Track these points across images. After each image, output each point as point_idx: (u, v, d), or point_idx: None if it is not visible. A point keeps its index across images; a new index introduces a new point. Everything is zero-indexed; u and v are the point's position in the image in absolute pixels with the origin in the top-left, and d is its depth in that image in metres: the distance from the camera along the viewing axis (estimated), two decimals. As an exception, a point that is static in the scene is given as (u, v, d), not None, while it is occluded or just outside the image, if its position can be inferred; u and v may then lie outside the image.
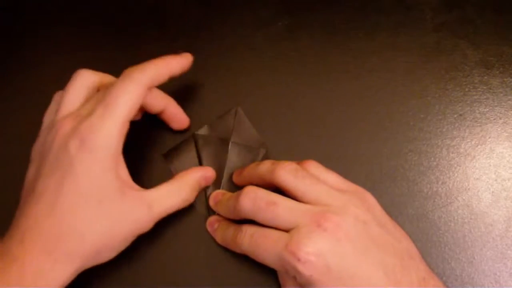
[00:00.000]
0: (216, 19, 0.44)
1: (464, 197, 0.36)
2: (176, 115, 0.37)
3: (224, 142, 0.37)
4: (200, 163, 0.37)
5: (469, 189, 0.37)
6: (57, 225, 0.29)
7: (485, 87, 0.40)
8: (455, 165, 0.37)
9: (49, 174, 0.30)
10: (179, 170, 0.37)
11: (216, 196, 0.35)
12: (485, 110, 0.39)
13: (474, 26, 0.42)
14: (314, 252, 0.28)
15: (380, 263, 0.29)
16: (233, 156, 0.37)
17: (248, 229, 0.31)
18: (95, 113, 0.31)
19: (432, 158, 0.38)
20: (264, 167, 0.33)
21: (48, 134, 0.32)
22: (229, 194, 0.35)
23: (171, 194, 0.33)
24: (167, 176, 0.36)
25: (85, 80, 0.34)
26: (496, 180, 0.37)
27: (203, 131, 0.38)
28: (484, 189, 0.37)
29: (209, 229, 0.35)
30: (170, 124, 0.37)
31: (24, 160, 0.34)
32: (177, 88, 0.40)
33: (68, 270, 0.29)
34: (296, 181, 0.31)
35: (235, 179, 0.36)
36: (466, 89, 0.40)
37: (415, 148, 0.38)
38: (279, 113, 0.39)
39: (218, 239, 0.35)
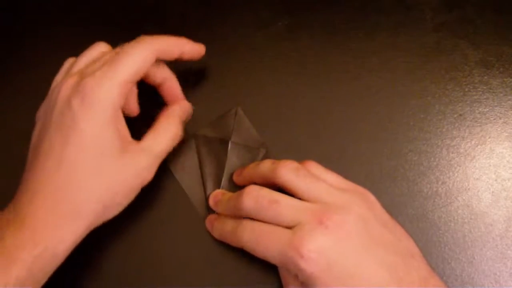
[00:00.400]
0: (216, 19, 0.44)
1: (464, 197, 0.36)
2: (173, 90, 0.37)
3: (224, 142, 0.37)
4: (200, 163, 0.37)
5: (469, 189, 0.37)
6: (64, 181, 0.30)
7: (485, 87, 0.40)
8: (455, 165, 0.37)
9: (55, 131, 0.31)
10: (178, 170, 0.37)
11: (216, 196, 0.35)
12: (485, 110, 0.39)
13: (474, 26, 0.42)
14: (316, 249, 0.28)
15: (382, 261, 0.29)
16: (233, 156, 0.37)
17: (248, 223, 0.31)
18: (99, 70, 0.31)
19: (432, 158, 0.38)
20: (265, 167, 0.33)
21: (52, 94, 0.33)
22: (229, 194, 0.35)
23: (162, 136, 0.33)
24: (166, 174, 0.37)
25: (101, 48, 0.35)
26: (496, 180, 0.37)
27: (203, 131, 0.38)
28: (484, 189, 0.37)
29: (208, 226, 0.35)
30: (166, 98, 0.37)
31: (24, 160, 0.34)
32: (177, 88, 0.40)
33: (79, 227, 0.30)
34: (297, 179, 0.31)
35: (236, 179, 0.36)
36: (466, 89, 0.40)
37: (415, 148, 0.38)
38: (279, 113, 0.39)
39: (216, 233, 0.34)
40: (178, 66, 0.38)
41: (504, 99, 0.40)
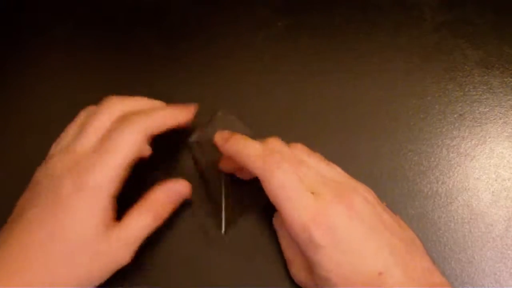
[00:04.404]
0: (216, 19, 0.44)
1: (464, 197, 0.36)
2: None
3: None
4: (198, 168, 0.37)
5: (469, 189, 0.37)
6: (40, 252, 0.29)
7: (485, 87, 0.40)
8: (455, 165, 0.37)
9: (40, 206, 0.30)
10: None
11: (228, 134, 0.33)
12: (485, 110, 0.39)
13: (474, 26, 0.42)
14: (332, 222, 0.29)
15: (387, 244, 0.29)
16: None
17: (283, 164, 0.30)
18: (92, 156, 0.31)
19: (432, 158, 0.38)
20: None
21: (46, 167, 0.32)
22: (244, 139, 0.32)
23: (141, 221, 0.32)
24: (166, 176, 0.36)
25: (109, 115, 0.33)
26: (496, 180, 0.37)
27: (194, 137, 0.37)
28: (484, 189, 0.37)
29: (218, 140, 0.33)
30: None
31: (23, 160, 0.34)
32: (177, 88, 0.40)
33: None
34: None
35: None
36: (466, 89, 0.40)
37: (415, 148, 0.38)
38: (279, 113, 0.39)
39: (231, 149, 0.32)
40: (178, 66, 0.38)
41: (504, 99, 0.40)
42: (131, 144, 0.31)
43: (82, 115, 0.35)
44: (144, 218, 0.32)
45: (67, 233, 0.30)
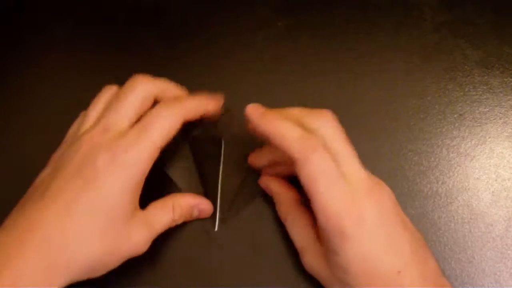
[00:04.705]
0: (216, 19, 0.44)
1: (464, 197, 0.36)
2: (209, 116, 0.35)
3: (216, 141, 0.37)
4: (197, 165, 0.37)
5: (469, 189, 0.37)
6: (63, 231, 0.28)
7: (485, 87, 0.40)
8: (455, 165, 0.37)
9: (68, 180, 0.30)
10: (175, 173, 0.37)
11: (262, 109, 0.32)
12: (485, 110, 0.39)
13: (474, 26, 0.42)
14: (362, 213, 0.29)
15: (408, 242, 0.29)
16: (227, 153, 0.37)
17: (319, 148, 0.29)
18: (130, 133, 0.30)
19: (432, 158, 0.38)
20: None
21: (73, 144, 0.31)
22: (281, 118, 0.31)
23: (164, 214, 0.33)
24: (165, 177, 0.36)
25: (112, 91, 0.34)
26: (496, 180, 0.37)
27: (195, 133, 0.37)
28: (484, 189, 0.37)
29: (252, 115, 0.31)
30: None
31: (23, 160, 0.34)
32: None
33: (59, 283, 0.28)
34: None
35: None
36: (466, 89, 0.40)
37: (415, 148, 0.38)
38: (279, 113, 0.39)
39: (268, 125, 0.30)
40: (178, 66, 0.38)
41: (504, 99, 0.40)
42: (169, 126, 0.31)
43: (105, 94, 0.34)
44: (168, 215, 0.33)
45: (95, 208, 0.29)
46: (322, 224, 0.29)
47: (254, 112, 0.31)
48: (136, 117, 0.32)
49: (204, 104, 0.34)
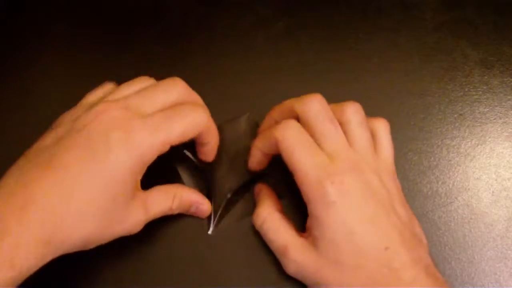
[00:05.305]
0: (216, 19, 0.44)
1: (464, 197, 0.36)
2: (207, 145, 0.35)
3: (237, 143, 0.37)
4: (198, 165, 0.37)
5: (469, 189, 0.37)
6: (65, 204, 0.28)
7: (485, 87, 0.40)
8: (455, 165, 0.37)
9: (76, 150, 0.29)
10: (183, 173, 0.37)
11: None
12: (485, 110, 0.39)
13: (474, 26, 0.42)
14: (347, 183, 0.29)
15: (395, 226, 0.29)
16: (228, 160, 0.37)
17: (296, 124, 0.31)
18: (152, 117, 0.30)
19: (432, 158, 0.38)
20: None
21: (89, 112, 0.31)
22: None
23: (164, 200, 0.33)
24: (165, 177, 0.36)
25: (146, 82, 0.34)
26: (496, 180, 0.37)
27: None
28: (484, 189, 0.37)
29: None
30: (200, 156, 0.36)
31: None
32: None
33: (52, 257, 0.28)
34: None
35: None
36: (466, 89, 0.40)
37: (415, 148, 0.38)
38: (279, 113, 0.39)
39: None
40: (178, 66, 0.38)
41: (504, 99, 0.40)
42: (192, 127, 0.31)
43: (139, 82, 0.34)
44: (167, 202, 0.33)
45: (99, 183, 0.29)
46: (305, 194, 0.30)
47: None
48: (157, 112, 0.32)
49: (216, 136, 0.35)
